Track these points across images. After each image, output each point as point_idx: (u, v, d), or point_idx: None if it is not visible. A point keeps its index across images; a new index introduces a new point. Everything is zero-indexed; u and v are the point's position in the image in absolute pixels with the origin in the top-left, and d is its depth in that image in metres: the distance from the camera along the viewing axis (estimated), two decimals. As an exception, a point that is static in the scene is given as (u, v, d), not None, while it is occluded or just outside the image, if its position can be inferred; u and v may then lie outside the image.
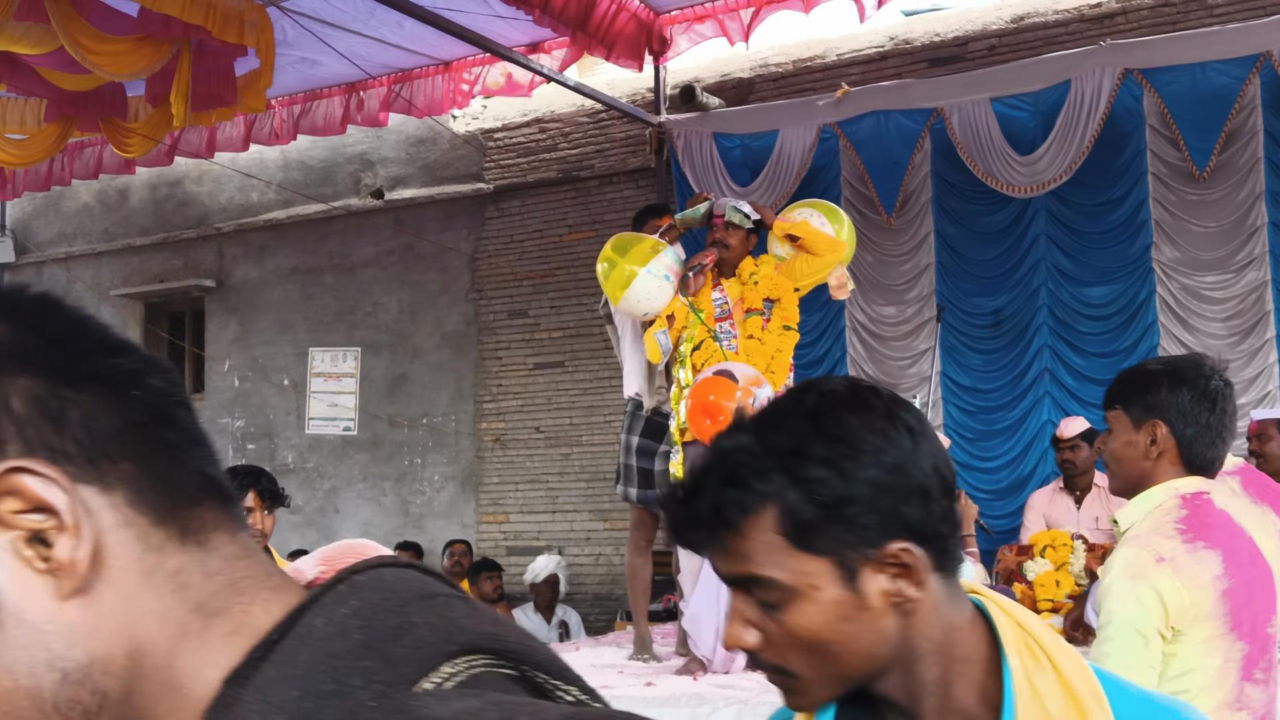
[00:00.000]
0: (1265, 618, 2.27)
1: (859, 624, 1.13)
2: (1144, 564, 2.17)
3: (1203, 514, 2.25)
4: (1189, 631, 2.15)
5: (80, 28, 5.70)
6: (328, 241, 10.36)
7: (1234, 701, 2.19)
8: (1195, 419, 2.29)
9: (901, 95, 7.47)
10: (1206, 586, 2.15)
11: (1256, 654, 2.23)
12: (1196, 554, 2.17)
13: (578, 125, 9.27)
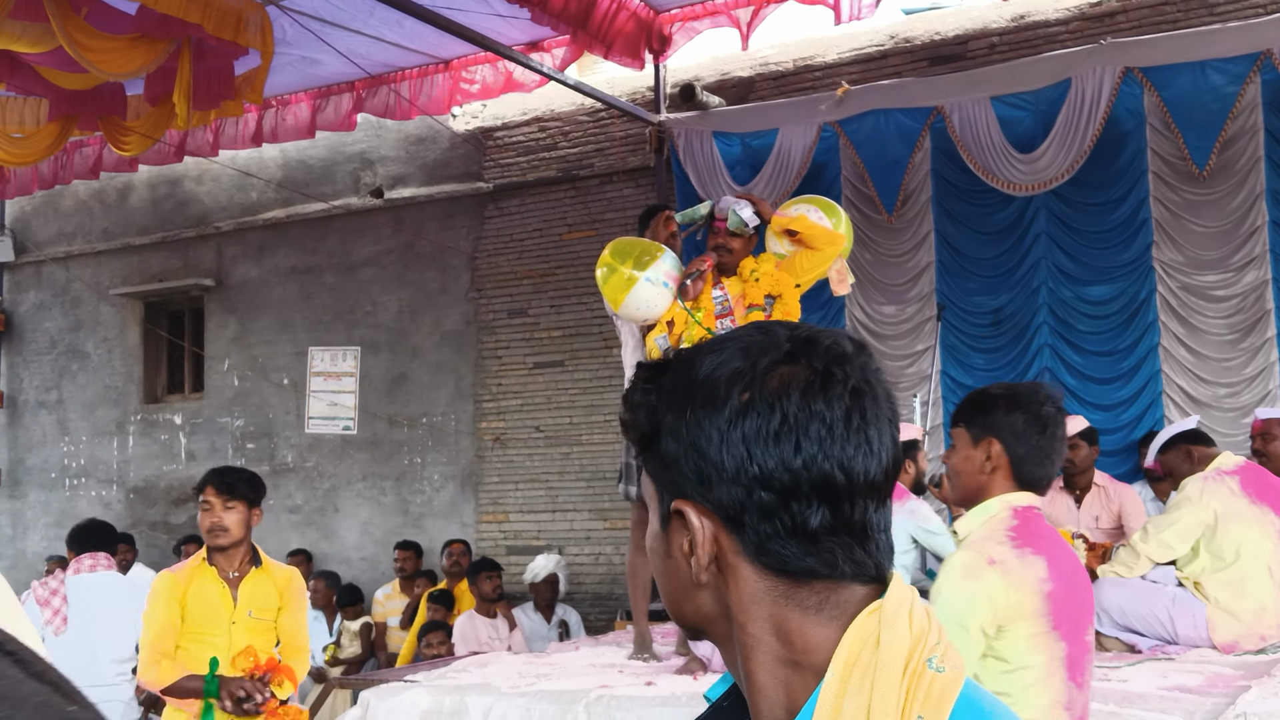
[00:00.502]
0: (1084, 624, 2.48)
1: (667, 565, 1.08)
2: (977, 566, 2.40)
3: (1032, 525, 2.49)
4: (1014, 628, 2.36)
5: (78, 26, 5.69)
6: (327, 240, 10.36)
7: (1063, 700, 2.37)
8: (1027, 440, 2.52)
9: (902, 94, 7.46)
10: (1032, 588, 2.36)
11: (1077, 656, 2.42)
12: (1025, 559, 2.40)
13: (577, 124, 9.26)
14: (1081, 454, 6.27)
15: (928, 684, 0.98)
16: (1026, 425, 2.53)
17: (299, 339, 10.31)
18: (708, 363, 1.05)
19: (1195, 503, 4.94)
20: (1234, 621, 4.84)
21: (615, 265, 5.10)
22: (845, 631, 1.02)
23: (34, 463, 11.89)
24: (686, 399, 1.04)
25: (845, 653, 1.01)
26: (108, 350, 11.54)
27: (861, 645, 1.01)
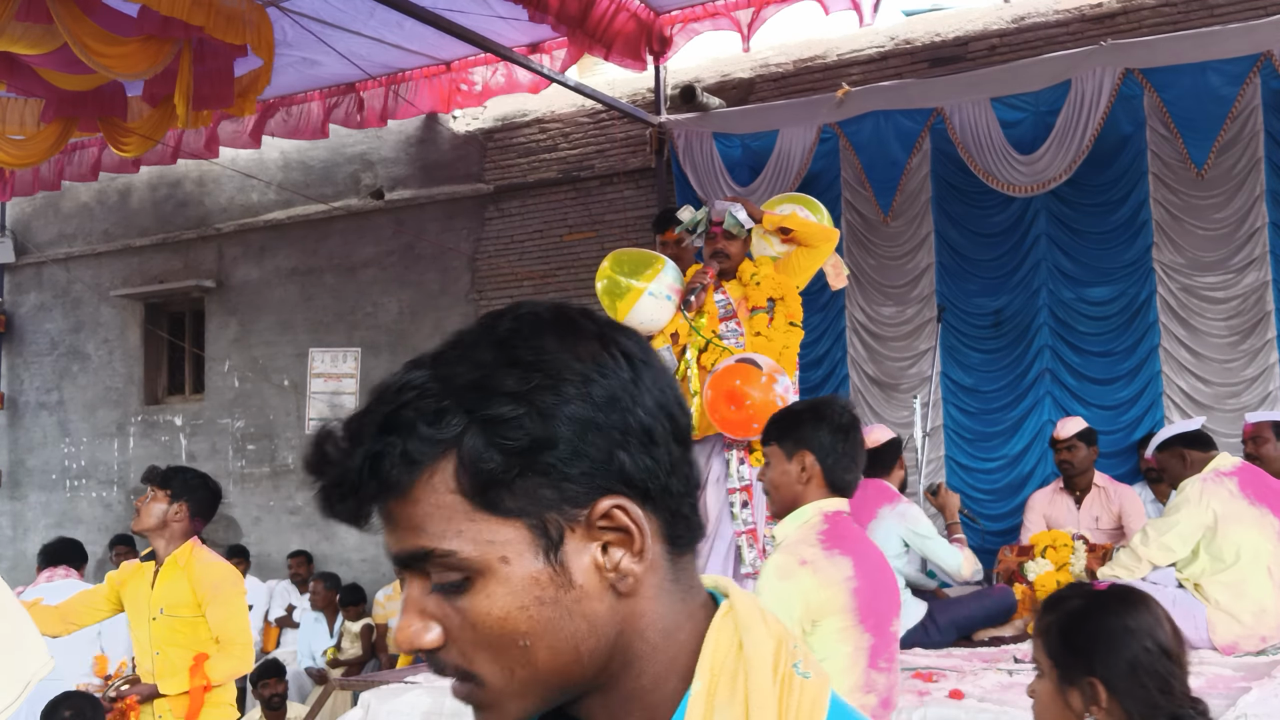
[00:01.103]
0: (889, 617, 2.76)
1: (561, 610, 0.87)
2: (791, 567, 2.63)
3: (841, 528, 2.75)
4: (824, 623, 2.61)
5: (87, 29, 5.70)
6: (328, 242, 10.36)
7: (863, 686, 2.66)
8: (833, 449, 2.78)
9: (902, 95, 7.47)
10: (840, 585, 2.62)
11: (881, 646, 2.71)
12: (833, 559, 2.65)
13: (578, 125, 9.26)
14: (1079, 455, 6.27)
15: (799, 691, 0.92)
16: (831, 435, 2.79)
17: (299, 340, 10.31)
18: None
19: (1195, 504, 4.94)
20: (1234, 623, 4.84)
21: (617, 277, 5.10)
22: (703, 616, 0.94)
23: (34, 464, 11.90)
24: (554, 381, 0.88)
25: (710, 658, 0.91)
26: (108, 351, 11.55)
27: (725, 650, 0.92)
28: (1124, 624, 1.89)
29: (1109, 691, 1.86)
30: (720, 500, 4.84)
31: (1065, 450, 6.31)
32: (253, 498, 10.68)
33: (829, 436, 2.79)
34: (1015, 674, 4.52)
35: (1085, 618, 1.93)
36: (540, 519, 0.87)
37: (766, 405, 4.58)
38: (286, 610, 9.20)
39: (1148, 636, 1.88)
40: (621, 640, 0.90)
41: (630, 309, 5.05)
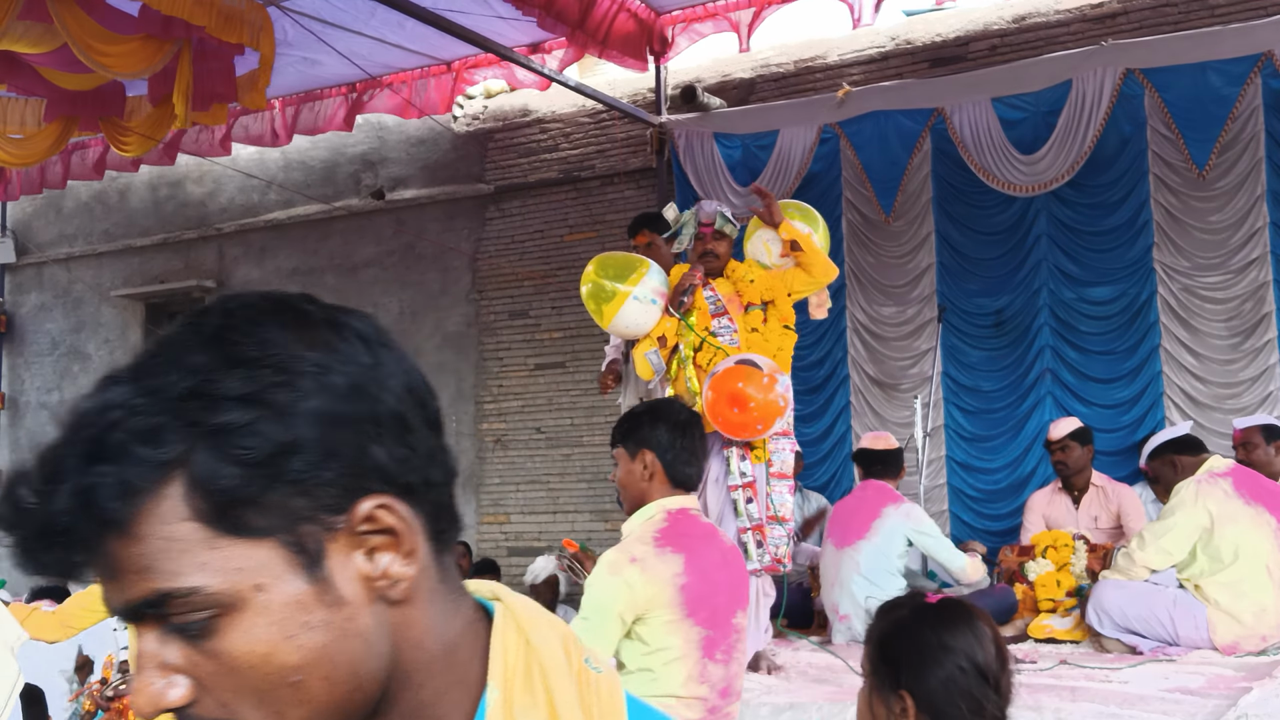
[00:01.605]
0: (730, 611, 2.92)
1: (334, 632, 0.77)
2: (620, 563, 2.81)
3: (681, 526, 2.92)
4: (651, 616, 2.79)
5: (88, 28, 5.70)
6: (328, 242, 10.37)
7: (698, 675, 2.85)
8: (671, 445, 2.96)
9: (903, 95, 7.47)
10: (666, 582, 2.81)
11: (718, 639, 2.88)
12: (663, 557, 2.82)
13: (579, 125, 9.26)
14: (1073, 455, 6.28)
15: (595, 686, 0.88)
16: (669, 433, 2.97)
17: (300, 340, 10.31)
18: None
19: (1190, 507, 4.94)
20: (1234, 623, 4.84)
21: (601, 281, 5.10)
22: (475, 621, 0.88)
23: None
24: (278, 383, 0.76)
25: (501, 664, 0.85)
26: (109, 351, 11.55)
27: (515, 653, 0.86)
28: (941, 641, 1.85)
29: (917, 707, 1.82)
30: (720, 499, 4.84)
31: (1059, 451, 6.32)
32: (253, 498, 10.69)
33: (667, 434, 2.97)
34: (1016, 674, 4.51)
35: (905, 630, 1.89)
36: (295, 533, 0.76)
37: (769, 406, 4.59)
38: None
39: (964, 656, 1.83)
40: (397, 653, 0.81)
41: (616, 313, 5.05)
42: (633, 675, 2.83)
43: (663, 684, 2.82)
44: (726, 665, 2.90)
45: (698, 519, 3.00)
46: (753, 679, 4.69)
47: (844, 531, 5.66)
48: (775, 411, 4.65)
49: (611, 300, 5.06)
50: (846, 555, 5.57)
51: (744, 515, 4.78)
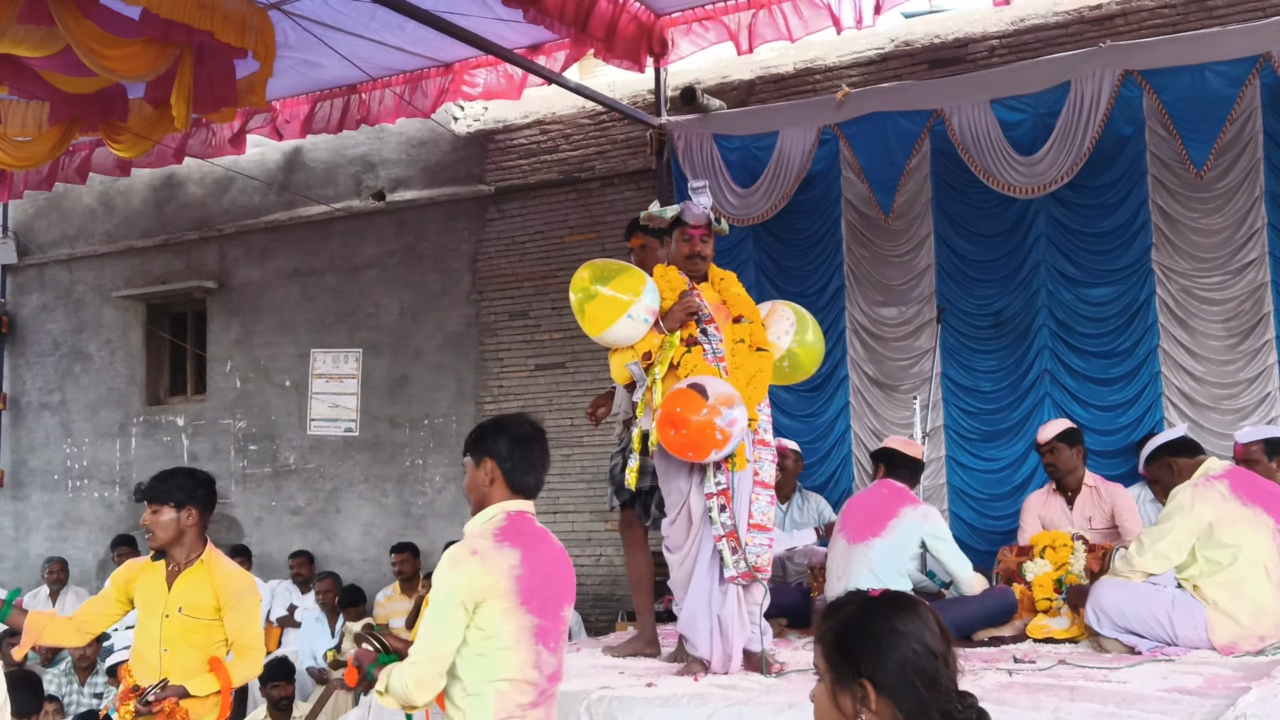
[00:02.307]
0: (559, 604, 3.26)
1: None
2: (462, 556, 3.11)
3: (518, 526, 3.25)
4: (489, 604, 3.08)
5: (90, 31, 5.72)
6: (329, 243, 10.38)
7: (532, 661, 3.14)
8: (511, 456, 3.29)
9: (902, 97, 7.48)
10: (503, 573, 3.10)
11: (549, 628, 3.20)
12: (501, 551, 3.14)
13: (579, 127, 9.28)
14: (1062, 456, 6.31)
15: None
16: (509, 444, 3.30)
17: (301, 341, 10.33)
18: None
19: (1187, 511, 4.96)
20: (1232, 623, 4.85)
21: (595, 292, 5.04)
22: None
23: (36, 464, 11.92)
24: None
25: None
26: (110, 352, 11.57)
27: None
28: (892, 626, 1.96)
29: (878, 691, 1.94)
30: (701, 506, 4.85)
31: (1048, 453, 6.36)
32: (254, 498, 10.70)
33: (507, 446, 3.30)
34: (1015, 674, 4.53)
35: (856, 623, 2.01)
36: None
37: (701, 433, 4.57)
38: (288, 610, 9.22)
39: (914, 638, 1.95)
40: None
41: (609, 327, 5.02)
42: (472, 660, 3.10)
43: (499, 668, 3.10)
44: (555, 653, 3.24)
45: (533, 521, 3.32)
46: (752, 679, 4.71)
47: (858, 527, 5.67)
48: (709, 441, 4.57)
49: (603, 315, 5.01)
50: (858, 551, 5.58)
51: (717, 523, 4.77)
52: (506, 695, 3.09)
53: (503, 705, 3.08)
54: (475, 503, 3.34)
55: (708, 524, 4.80)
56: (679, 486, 4.88)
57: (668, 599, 7.24)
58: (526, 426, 3.38)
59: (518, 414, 3.46)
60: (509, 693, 3.09)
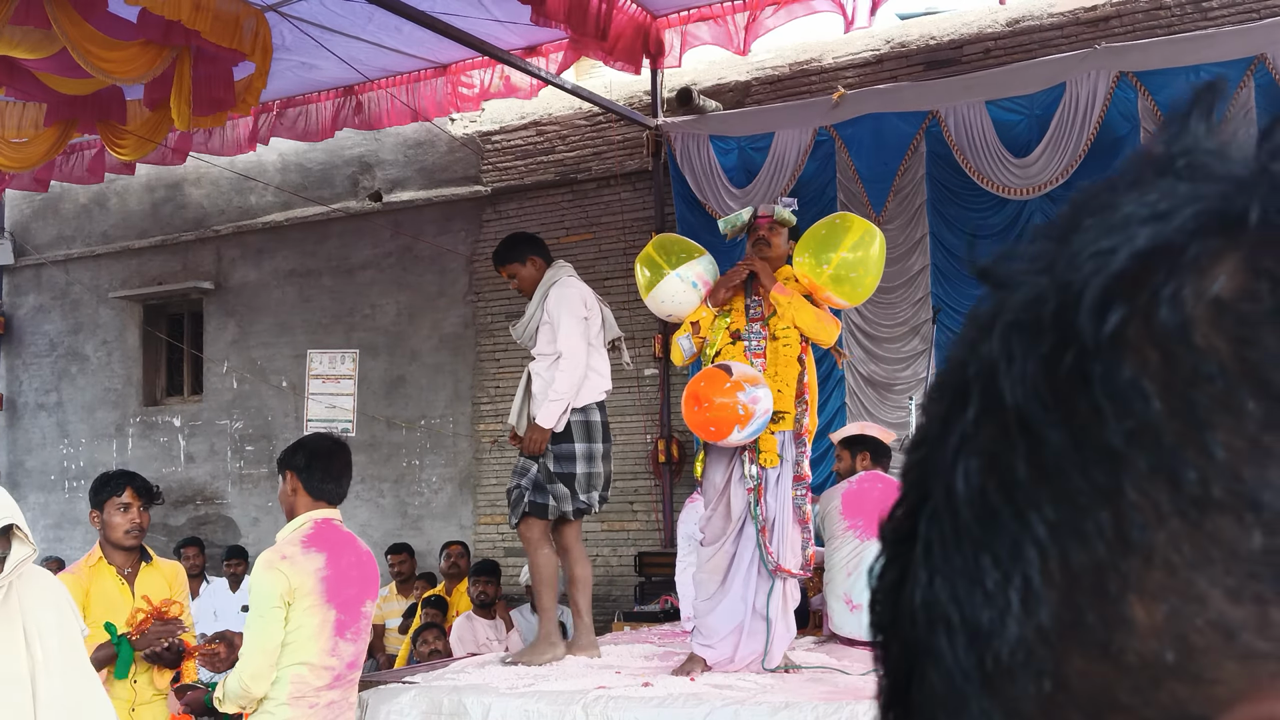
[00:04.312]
0: (360, 600, 3.74)
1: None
2: (274, 560, 3.60)
3: (324, 532, 3.72)
4: (298, 602, 3.55)
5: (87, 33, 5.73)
6: (326, 244, 10.39)
7: (331, 650, 3.62)
8: (309, 468, 3.73)
9: (897, 98, 7.51)
10: (310, 574, 3.58)
11: (348, 622, 3.69)
12: (308, 554, 3.62)
13: (575, 128, 9.29)
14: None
15: None
16: (307, 459, 3.73)
17: (298, 341, 10.34)
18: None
19: None
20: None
21: (653, 257, 5.17)
22: None
23: (33, 465, 11.92)
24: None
25: None
26: (107, 353, 11.57)
27: None
28: None
29: None
30: (742, 499, 4.90)
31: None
32: (251, 498, 10.70)
33: (304, 460, 3.74)
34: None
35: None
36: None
37: (724, 410, 4.59)
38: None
39: None
40: None
41: (654, 289, 5.12)
42: (281, 647, 3.57)
43: (300, 654, 3.58)
44: (355, 643, 3.73)
45: (339, 528, 3.79)
46: (748, 678, 4.73)
47: (871, 524, 5.68)
48: (732, 417, 4.57)
49: (652, 275, 5.13)
50: (870, 547, 5.59)
51: (756, 517, 4.84)
52: (303, 678, 3.59)
53: (298, 686, 3.58)
54: (286, 512, 3.81)
55: (750, 518, 4.84)
56: (715, 480, 4.94)
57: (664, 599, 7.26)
58: (326, 442, 3.87)
59: (321, 433, 4.01)
60: (306, 676, 3.59)
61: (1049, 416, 0.31)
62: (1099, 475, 0.31)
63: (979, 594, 0.32)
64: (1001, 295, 0.35)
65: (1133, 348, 0.31)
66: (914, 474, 0.36)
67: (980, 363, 0.34)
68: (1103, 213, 0.34)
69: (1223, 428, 0.30)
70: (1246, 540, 0.29)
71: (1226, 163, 0.34)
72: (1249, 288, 0.31)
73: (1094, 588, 0.31)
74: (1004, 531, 0.32)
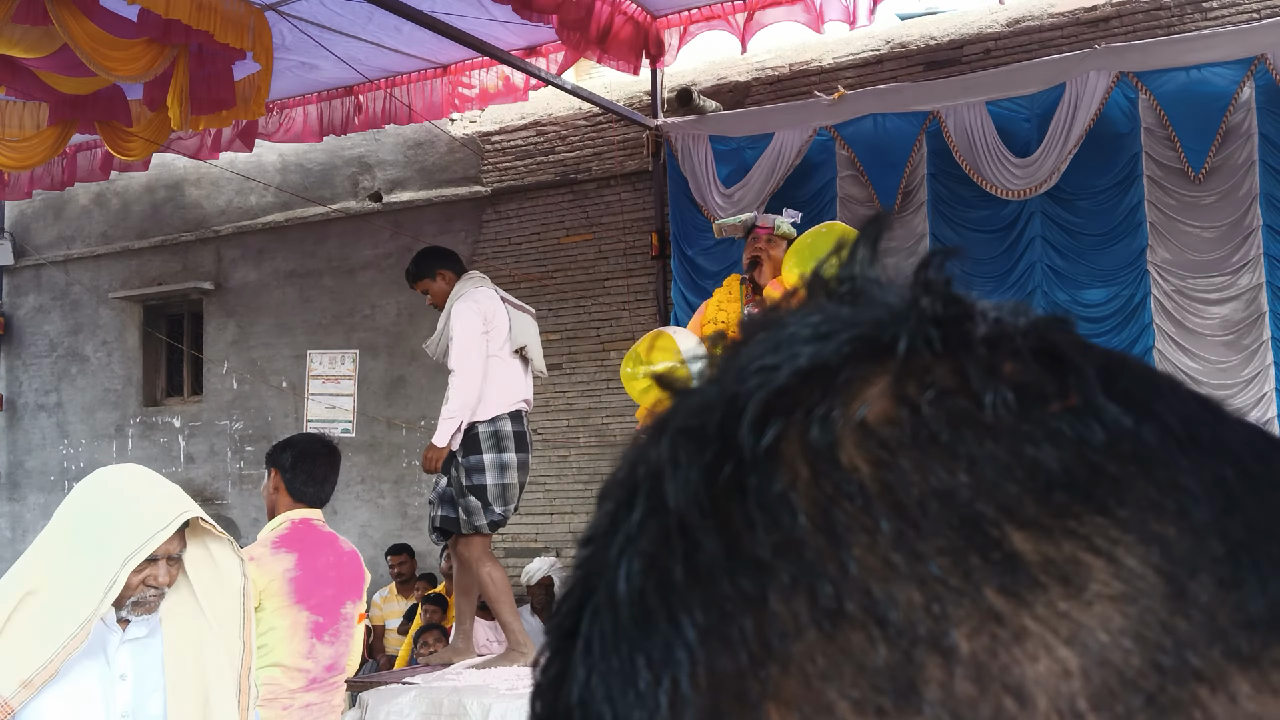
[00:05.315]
0: (339, 601, 3.67)
1: None
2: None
3: (300, 533, 3.69)
4: (268, 603, 3.54)
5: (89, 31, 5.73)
6: (326, 244, 10.39)
7: (307, 652, 3.59)
8: (293, 468, 3.71)
9: (897, 98, 7.50)
10: (278, 575, 3.58)
11: (326, 624, 3.63)
12: (276, 555, 3.61)
13: (575, 128, 9.29)
14: None
15: None
16: (292, 458, 3.70)
17: (298, 342, 10.34)
18: None
19: None
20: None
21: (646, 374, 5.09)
22: None
23: (33, 465, 11.92)
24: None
25: None
26: (107, 353, 11.57)
27: None
28: None
29: None
30: None
31: None
32: (251, 499, 10.70)
33: (290, 459, 3.71)
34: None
35: None
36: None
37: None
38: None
39: None
40: None
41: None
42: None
43: (273, 655, 3.56)
44: (333, 645, 3.68)
45: (318, 528, 3.75)
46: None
47: None
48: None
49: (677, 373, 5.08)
50: None
51: None
52: (277, 680, 3.57)
53: (271, 688, 3.55)
54: (268, 509, 3.80)
55: None
56: None
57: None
58: (313, 445, 3.84)
59: (312, 433, 3.84)
60: (279, 678, 3.58)
61: (706, 523, 0.32)
62: (746, 583, 0.32)
63: (632, 694, 0.33)
64: (677, 400, 0.36)
65: (786, 463, 0.32)
66: (582, 570, 0.36)
67: (649, 465, 0.35)
68: (772, 329, 0.36)
69: (858, 545, 0.31)
70: (873, 654, 0.30)
71: (885, 291, 0.36)
72: (891, 414, 0.32)
73: (736, 693, 0.31)
74: (658, 633, 0.32)
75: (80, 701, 2.36)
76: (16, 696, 2.23)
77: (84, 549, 2.37)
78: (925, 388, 0.32)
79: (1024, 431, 0.32)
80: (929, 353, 0.33)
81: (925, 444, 0.32)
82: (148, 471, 2.62)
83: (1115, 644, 0.30)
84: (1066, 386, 0.33)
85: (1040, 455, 0.31)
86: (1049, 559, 0.31)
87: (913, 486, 0.31)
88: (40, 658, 2.25)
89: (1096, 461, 0.31)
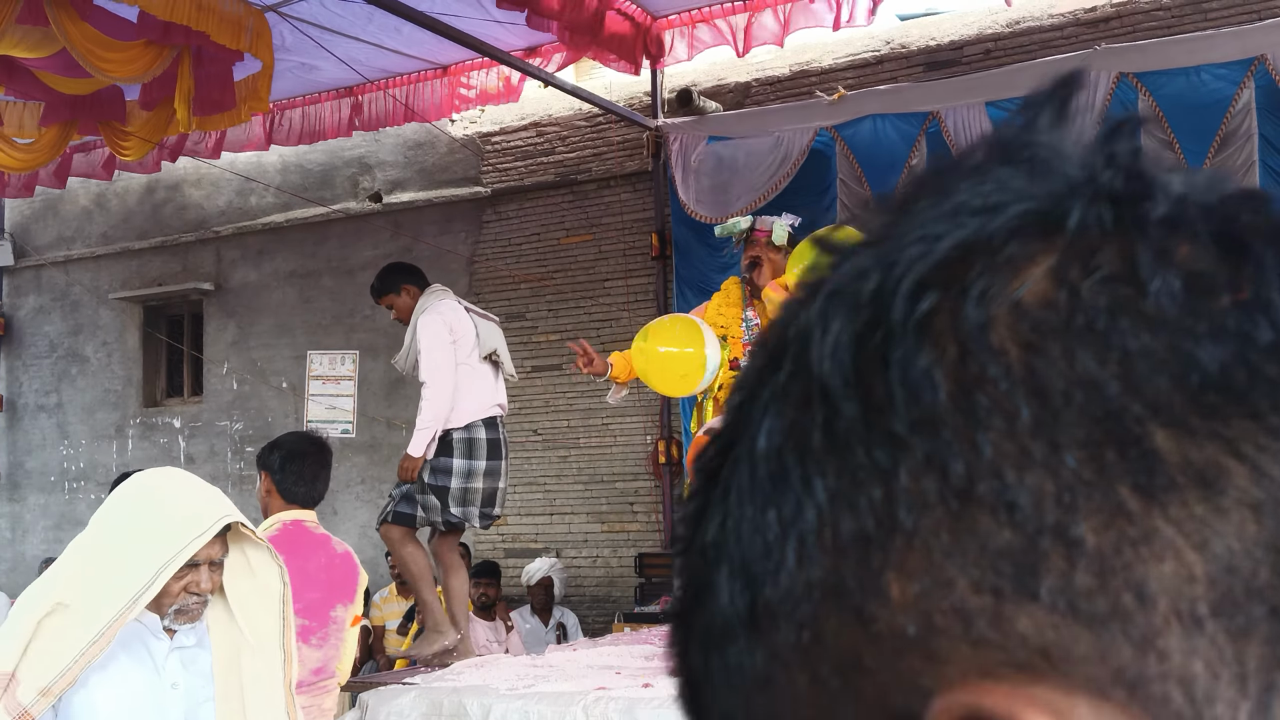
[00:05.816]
0: (328, 605, 3.60)
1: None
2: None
3: (291, 535, 3.61)
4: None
5: (86, 33, 5.73)
6: (326, 245, 10.39)
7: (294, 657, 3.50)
8: (282, 469, 3.68)
9: (897, 99, 7.50)
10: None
11: (315, 627, 3.56)
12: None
13: (575, 129, 9.29)
14: None
15: None
16: (281, 459, 3.67)
17: (298, 343, 10.34)
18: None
19: None
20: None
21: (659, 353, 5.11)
22: None
23: (33, 466, 11.92)
24: None
25: None
26: (107, 354, 11.57)
27: None
28: None
29: None
30: None
31: None
32: (251, 500, 10.65)
33: (279, 460, 3.69)
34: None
35: None
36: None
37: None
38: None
39: None
40: None
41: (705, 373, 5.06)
42: None
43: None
44: (321, 649, 3.63)
45: (310, 530, 3.71)
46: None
47: None
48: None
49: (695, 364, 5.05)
50: None
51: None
52: None
53: None
54: (262, 511, 3.74)
55: None
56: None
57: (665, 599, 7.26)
58: (301, 444, 3.82)
59: (301, 431, 3.76)
60: None
61: (848, 391, 0.33)
62: (880, 455, 0.32)
63: (760, 544, 0.34)
64: (834, 262, 0.36)
65: (935, 338, 0.32)
66: (730, 418, 0.37)
67: (799, 326, 0.35)
68: (939, 195, 0.36)
69: (995, 429, 0.31)
70: (996, 537, 0.31)
71: (1063, 161, 0.35)
72: (1049, 296, 0.32)
73: (859, 558, 0.33)
74: (791, 491, 0.34)
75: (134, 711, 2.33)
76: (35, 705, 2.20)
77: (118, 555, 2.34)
78: (1089, 271, 0.32)
79: (1186, 325, 0.31)
80: (1099, 232, 0.32)
81: (1079, 331, 0.31)
82: (187, 474, 2.58)
83: (1246, 552, 0.30)
84: (1240, 277, 0.32)
85: (1198, 352, 0.31)
86: (1189, 460, 0.30)
87: (1059, 375, 0.31)
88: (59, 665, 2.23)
89: (1256, 363, 0.31)
